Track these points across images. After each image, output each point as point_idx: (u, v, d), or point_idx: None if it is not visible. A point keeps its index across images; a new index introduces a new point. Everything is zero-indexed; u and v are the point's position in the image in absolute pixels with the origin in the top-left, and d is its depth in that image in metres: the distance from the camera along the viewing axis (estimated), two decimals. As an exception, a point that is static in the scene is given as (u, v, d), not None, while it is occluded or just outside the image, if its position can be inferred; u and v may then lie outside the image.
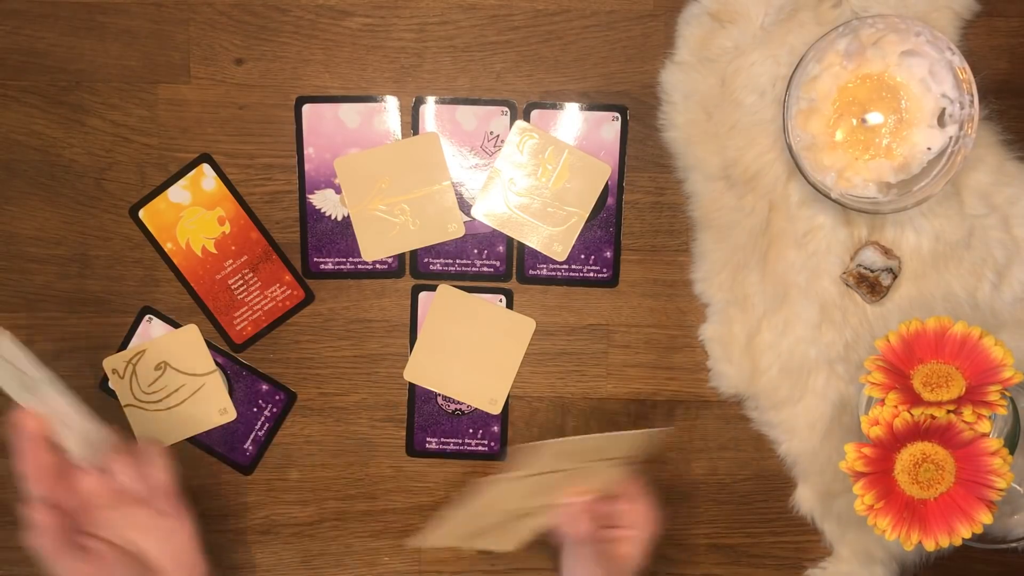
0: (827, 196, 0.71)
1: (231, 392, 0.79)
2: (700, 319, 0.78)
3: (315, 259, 0.78)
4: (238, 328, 0.78)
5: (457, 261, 0.78)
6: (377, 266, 0.78)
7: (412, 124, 0.77)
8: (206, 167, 0.78)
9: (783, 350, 0.77)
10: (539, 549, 0.80)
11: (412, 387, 0.79)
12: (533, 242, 0.77)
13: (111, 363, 0.78)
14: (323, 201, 0.78)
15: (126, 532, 0.66)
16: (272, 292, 0.78)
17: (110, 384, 0.78)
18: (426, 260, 0.78)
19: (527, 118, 0.77)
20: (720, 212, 0.76)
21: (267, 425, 0.79)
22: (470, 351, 0.78)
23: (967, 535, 0.64)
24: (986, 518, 0.64)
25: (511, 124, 0.77)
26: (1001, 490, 0.64)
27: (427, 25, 0.77)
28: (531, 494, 0.69)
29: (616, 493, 0.71)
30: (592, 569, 0.69)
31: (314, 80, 0.77)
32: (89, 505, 0.66)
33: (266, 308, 0.78)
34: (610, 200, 0.78)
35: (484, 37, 0.77)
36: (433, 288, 0.78)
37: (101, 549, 0.65)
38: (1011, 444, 0.67)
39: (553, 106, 0.77)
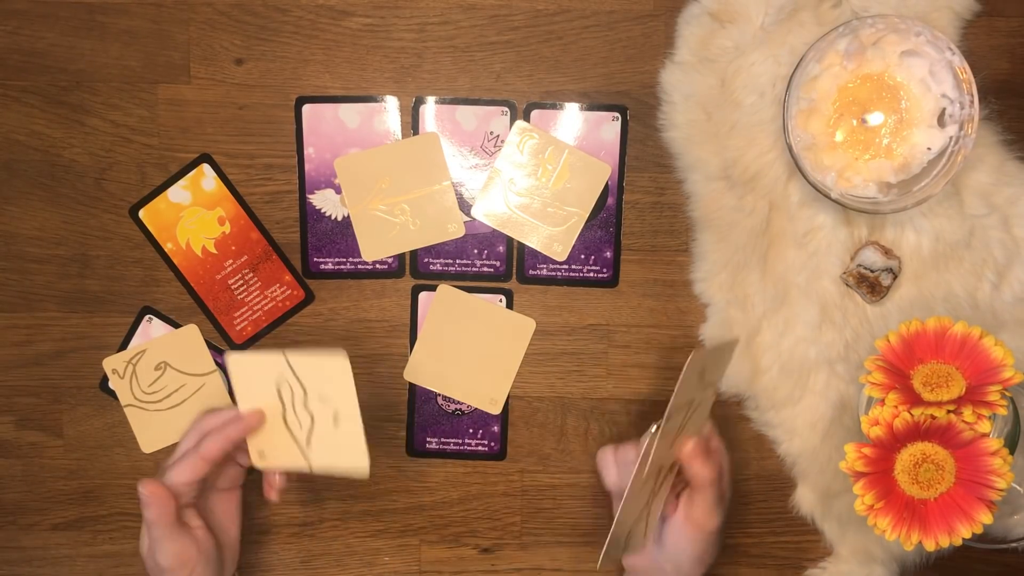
0: (827, 196, 0.71)
1: (231, 392, 0.79)
2: (700, 319, 0.78)
3: (315, 259, 0.78)
4: (238, 328, 0.78)
5: (457, 261, 0.78)
6: (377, 266, 0.78)
7: (412, 124, 0.77)
8: (206, 167, 0.78)
9: (783, 350, 0.76)
10: (541, 547, 0.80)
11: (412, 387, 0.79)
12: (533, 242, 0.77)
13: (111, 363, 0.78)
14: (323, 201, 0.78)
15: (217, 517, 0.72)
16: (272, 292, 0.78)
17: (110, 384, 0.78)
18: (426, 260, 0.78)
19: (527, 118, 0.77)
20: (720, 212, 0.76)
21: (267, 425, 0.79)
22: (470, 351, 0.78)
23: (967, 535, 0.64)
24: (986, 518, 0.64)
25: (511, 124, 0.77)
26: (1001, 490, 0.64)
27: (427, 25, 0.77)
28: (658, 468, 0.68)
29: (707, 432, 0.71)
30: (717, 510, 0.69)
31: (314, 80, 0.77)
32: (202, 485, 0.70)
33: (266, 308, 0.78)
34: (610, 200, 0.78)
35: (484, 37, 0.77)
36: (433, 288, 0.78)
37: (199, 531, 0.69)
38: (1011, 444, 0.67)
39: (553, 106, 0.77)
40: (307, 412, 0.69)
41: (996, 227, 0.75)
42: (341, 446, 0.69)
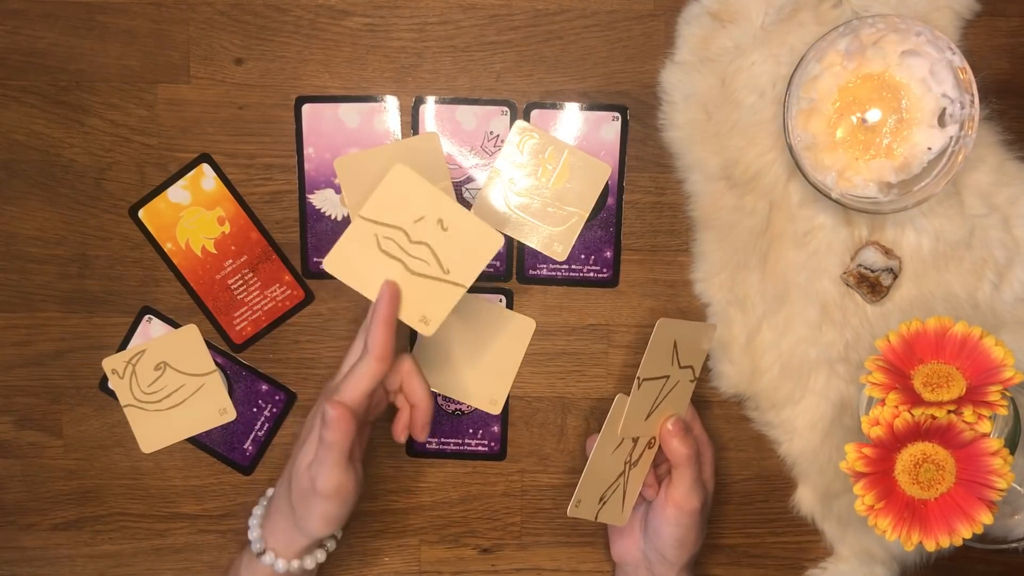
0: (827, 196, 0.71)
1: (231, 392, 0.79)
2: (700, 319, 0.78)
3: (315, 259, 0.78)
4: (238, 328, 0.78)
5: (457, 261, 0.78)
6: (377, 266, 0.78)
7: (412, 124, 0.77)
8: (206, 167, 0.78)
9: (783, 350, 0.76)
10: (541, 547, 0.80)
11: (412, 387, 0.79)
12: (533, 242, 0.77)
13: (111, 363, 0.78)
14: (323, 201, 0.78)
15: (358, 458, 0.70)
16: (272, 292, 0.78)
17: (110, 384, 0.78)
18: (426, 260, 0.78)
19: (527, 118, 0.77)
20: (720, 212, 0.76)
21: (267, 425, 0.79)
22: (470, 351, 0.78)
23: (967, 535, 0.64)
24: (986, 518, 0.64)
25: (511, 124, 0.77)
26: (1001, 490, 0.64)
27: (427, 25, 0.77)
28: (635, 427, 0.71)
29: (688, 417, 0.74)
30: (696, 491, 0.71)
31: (314, 80, 0.77)
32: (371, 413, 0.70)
33: (266, 308, 0.78)
34: (610, 200, 0.78)
35: (484, 37, 0.77)
36: (433, 288, 0.78)
37: (359, 465, 0.68)
38: (1011, 444, 0.67)
39: (553, 106, 0.77)
40: (419, 245, 0.67)
41: (996, 227, 0.75)
42: (469, 239, 0.67)
